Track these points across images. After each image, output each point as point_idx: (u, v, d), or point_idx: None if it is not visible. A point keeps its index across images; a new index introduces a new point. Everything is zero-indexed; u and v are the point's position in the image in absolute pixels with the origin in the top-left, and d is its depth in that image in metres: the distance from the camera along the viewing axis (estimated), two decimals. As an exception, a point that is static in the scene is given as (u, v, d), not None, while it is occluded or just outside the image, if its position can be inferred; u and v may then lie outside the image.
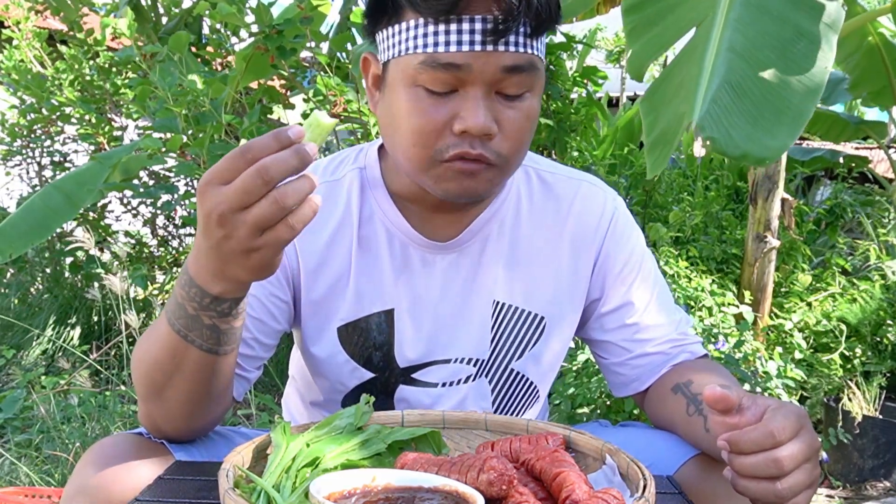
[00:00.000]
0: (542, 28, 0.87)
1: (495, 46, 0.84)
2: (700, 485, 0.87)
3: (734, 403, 0.71)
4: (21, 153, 4.20)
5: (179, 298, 0.78)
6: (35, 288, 4.12)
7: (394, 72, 0.89)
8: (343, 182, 1.03)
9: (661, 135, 1.58)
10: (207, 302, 0.76)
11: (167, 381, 0.84)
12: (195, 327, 0.79)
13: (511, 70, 0.85)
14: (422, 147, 0.89)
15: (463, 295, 1.04)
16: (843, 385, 2.81)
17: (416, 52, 0.85)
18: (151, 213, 4.18)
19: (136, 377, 0.88)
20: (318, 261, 1.01)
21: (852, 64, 3.61)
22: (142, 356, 0.87)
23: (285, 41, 2.74)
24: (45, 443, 2.28)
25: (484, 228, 1.03)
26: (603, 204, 1.07)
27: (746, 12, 1.60)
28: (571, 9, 2.61)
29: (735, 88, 1.48)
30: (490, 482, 0.65)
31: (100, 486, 0.83)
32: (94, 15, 4.08)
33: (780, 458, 0.68)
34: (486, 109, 0.86)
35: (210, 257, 0.72)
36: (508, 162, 0.91)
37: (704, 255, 3.24)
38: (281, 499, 0.67)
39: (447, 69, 0.84)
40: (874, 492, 2.67)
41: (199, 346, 0.80)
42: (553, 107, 3.42)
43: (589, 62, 6.77)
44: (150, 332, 0.86)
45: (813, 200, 4.81)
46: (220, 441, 1.00)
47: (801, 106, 1.48)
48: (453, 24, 0.83)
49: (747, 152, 1.43)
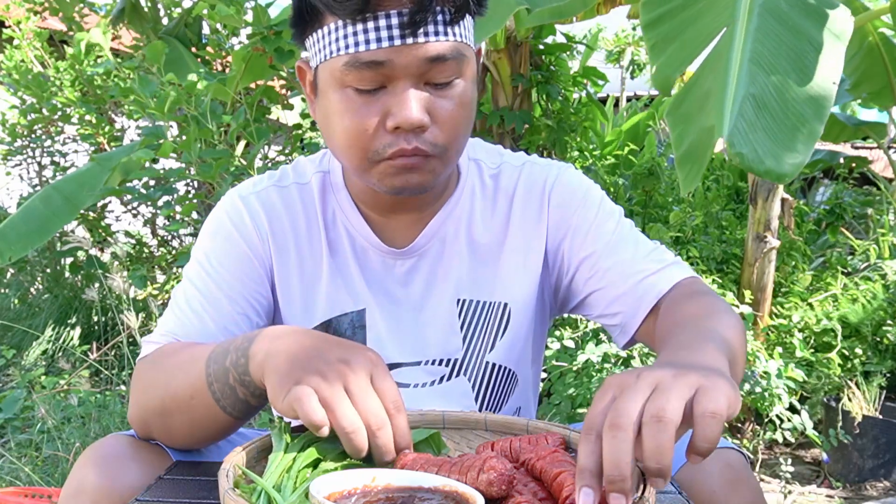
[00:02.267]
0: (462, 13, 0.87)
1: (414, 38, 0.84)
2: (701, 483, 0.87)
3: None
4: (21, 153, 4.21)
5: (230, 370, 0.78)
6: (35, 288, 4.12)
7: (323, 76, 0.90)
8: (310, 185, 1.05)
9: (692, 149, 1.58)
10: (254, 391, 0.78)
11: (176, 415, 0.84)
12: (230, 396, 0.79)
13: (435, 60, 0.86)
14: (358, 148, 0.90)
15: (425, 297, 1.05)
16: (843, 385, 2.81)
17: (339, 54, 0.86)
18: (151, 213, 4.19)
19: (141, 390, 0.88)
20: (291, 262, 1.03)
21: (852, 64, 3.61)
22: (158, 379, 0.87)
23: (283, 42, 2.75)
24: (45, 443, 2.28)
25: (440, 230, 1.04)
26: (544, 179, 1.07)
27: (765, 22, 1.60)
28: (571, 8, 2.60)
29: (757, 101, 1.48)
30: (490, 482, 0.65)
31: (98, 487, 0.82)
32: (94, 15, 4.08)
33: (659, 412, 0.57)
34: (417, 102, 0.86)
35: (286, 360, 0.73)
36: (447, 150, 0.91)
37: (705, 255, 3.24)
38: (281, 499, 0.67)
39: (371, 67, 0.85)
40: (874, 492, 2.67)
41: (224, 408, 0.81)
42: (553, 107, 3.42)
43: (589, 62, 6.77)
44: (177, 360, 0.86)
45: (813, 200, 4.81)
46: (223, 445, 1.00)
47: (814, 121, 1.49)
48: (370, 22, 0.84)
49: (770, 169, 1.43)
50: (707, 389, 0.59)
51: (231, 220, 1.02)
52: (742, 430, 2.87)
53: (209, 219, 1.04)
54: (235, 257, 1.00)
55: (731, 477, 0.88)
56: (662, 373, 0.61)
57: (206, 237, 1.03)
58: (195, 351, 0.84)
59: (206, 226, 1.04)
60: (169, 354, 0.89)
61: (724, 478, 0.87)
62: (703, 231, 3.46)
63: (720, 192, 3.74)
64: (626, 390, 0.60)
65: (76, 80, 3.94)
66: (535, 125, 3.36)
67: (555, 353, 2.48)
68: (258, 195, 1.03)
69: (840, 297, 3.13)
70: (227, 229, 1.01)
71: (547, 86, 3.35)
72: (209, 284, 0.98)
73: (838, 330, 2.90)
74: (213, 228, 1.03)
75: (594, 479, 0.58)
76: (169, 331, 0.96)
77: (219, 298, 0.97)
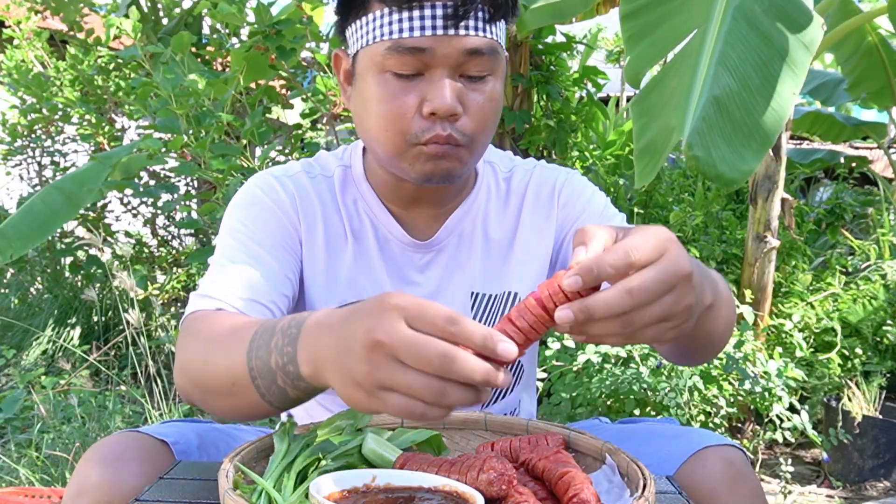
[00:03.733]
0: (499, 14, 0.93)
1: (456, 30, 0.90)
2: (702, 481, 0.88)
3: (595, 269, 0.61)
4: (21, 153, 4.21)
5: (272, 363, 0.72)
6: (35, 288, 4.13)
7: (363, 61, 0.94)
8: (334, 178, 1.09)
9: (651, 144, 1.60)
10: (298, 383, 0.71)
11: (216, 393, 0.80)
12: (272, 386, 0.74)
13: (472, 53, 0.91)
14: (394, 132, 0.93)
15: (441, 289, 1.09)
16: (843, 385, 2.81)
17: (382, 39, 0.91)
18: (151, 213, 4.19)
19: (186, 361, 0.84)
20: (318, 241, 1.06)
21: (851, 64, 3.61)
22: (197, 361, 0.83)
23: (285, 41, 2.75)
24: (45, 443, 2.28)
25: (458, 226, 1.09)
26: (553, 180, 1.13)
27: (737, 25, 1.62)
28: (571, 8, 2.60)
29: (719, 104, 1.51)
30: (490, 482, 0.65)
31: (101, 486, 0.83)
32: (95, 15, 4.08)
33: (631, 288, 0.60)
34: (452, 90, 0.91)
35: (333, 368, 0.64)
36: (474, 141, 0.96)
37: (705, 255, 3.24)
38: (281, 499, 0.67)
39: (412, 53, 0.90)
40: (874, 492, 2.67)
41: (264, 397, 0.75)
42: (553, 107, 3.42)
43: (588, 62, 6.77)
44: (217, 346, 0.81)
45: (813, 200, 4.81)
46: (221, 441, 1.00)
47: (769, 131, 1.52)
48: (416, 11, 0.89)
49: (721, 174, 1.47)
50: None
51: (266, 193, 1.04)
52: (742, 430, 2.87)
53: (239, 195, 1.05)
54: (274, 222, 1.02)
55: (732, 474, 0.89)
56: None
57: (238, 209, 1.03)
58: (230, 341, 0.79)
59: (238, 200, 1.04)
60: (202, 347, 0.84)
61: (726, 475, 0.89)
62: (703, 231, 3.46)
63: (720, 192, 3.74)
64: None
65: (76, 80, 3.94)
66: (535, 125, 3.36)
67: (555, 353, 2.48)
68: (291, 178, 1.07)
69: (840, 297, 3.13)
70: (262, 200, 1.03)
71: (547, 86, 3.35)
72: (248, 244, 0.98)
73: (838, 330, 2.90)
74: (248, 200, 1.04)
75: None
76: (219, 287, 0.92)
77: (261, 255, 0.98)
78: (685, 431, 1.00)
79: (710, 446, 0.92)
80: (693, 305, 0.64)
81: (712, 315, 0.79)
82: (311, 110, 3.09)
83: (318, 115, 3.09)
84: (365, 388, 0.60)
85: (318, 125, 3.46)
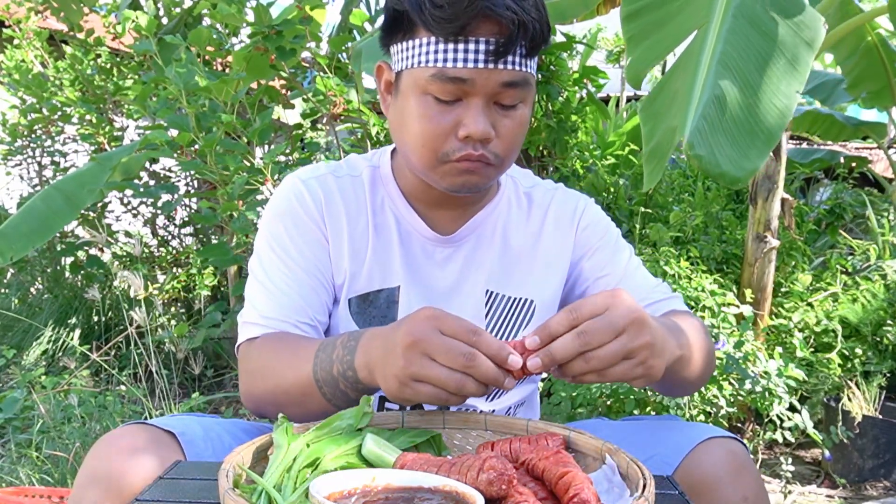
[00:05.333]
0: (535, 50, 1.00)
1: (496, 65, 0.97)
2: (706, 470, 0.92)
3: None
4: (21, 153, 4.21)
5: (335, 371, 0.90)
6: (35, 288, 4.13)
7: (406, 81, 1.02)
8: (362, 177, 1.17)
9: (657, 146, 1.60)
10: (357, 385, 0.89)
11: (289, 406, 0.96)
12: (336, 391, 0.91)
13: (508, 85, 0.99)
14: (430, 149, 1.02)
15: (458, 285, 1.15)
16: (843, 385, 2.81)
17: (427, 65, 0.98)
18: (151, 213, 4.19)
19: (250, 378, 1.02)
20: (343, 238, 1.13)
21: (851, 64, 3.61)
22: (266, 372, 0.99)
23: (285, 41, 2.75)
24: (45, 443, 2.28)
25: (480, 226, 1.17)
26: (575, 204, 1.22)
27: (738, 24, 1.62)
28: (572, 10, 2.61)
29: (721, 103, 1.51)
30: (490, 482, 0.65)
31: (111, 476, 0.85)
32: (94, 15, 4.08)
33: (581, 331, 0.78)
34: (486, 117, 0.99)
35: (379, 366, 0.83)
36: (503, 161, 1.05)
37: (705, 255, 3.24)
38: (281, 499, 0.67)
39: (454, 82, 0.97)
40: (874, 491, 2.67)
41: (331, 402, 0.93)
42: (554, 107, 3.42)
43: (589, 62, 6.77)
44: (285, 357, 0.97)
45: (813, 200, 4.81)
46: (224, 434, 1.02)
47: (773, 129, 1.52)
48: (461, 44, 0.96)
49: (725, 172, 1.48)
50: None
51: (296, 200, 1.13)
52: (742, 430, 2.87)
53: (273, 201, 1.15)
54: (305, 232, 1.11)
55: (735, 464, 0.94)
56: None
57: (273, 219, 1.13)
58: (299, 357, 0.95)
59: (272, 208, 1.14)
60: (274, 348, 1.00)
61: (729, 465, 0.94)
62: (703, 231, 3.46)
63: (720, 192, 3.74)
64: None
65: (76, 80, 3.94)
66: (536, 125, 3.36)
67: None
68: (318, 179, 1.15)
69: (840, 297, 3.13)
70: (293, 209, 1.12)
71: (547, 86, 3.35)
72: (287, 262, 1.09)
73: (838, 330, 2.90)
74: (282, 209, 1.13)
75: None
76: (266, 314, 1.06)
77: (297, 273, 1.09)
78: (689, 425, 1.04)
79: (713, 437, 0.96)
80: (653, 344, 0.80)
81: (683, 363, 0.94)
82: (312, 111, 3.09)
83: (318, 115, 3.09)
84: (401, 380, 0.79)
85: (319, 125, 3.46)
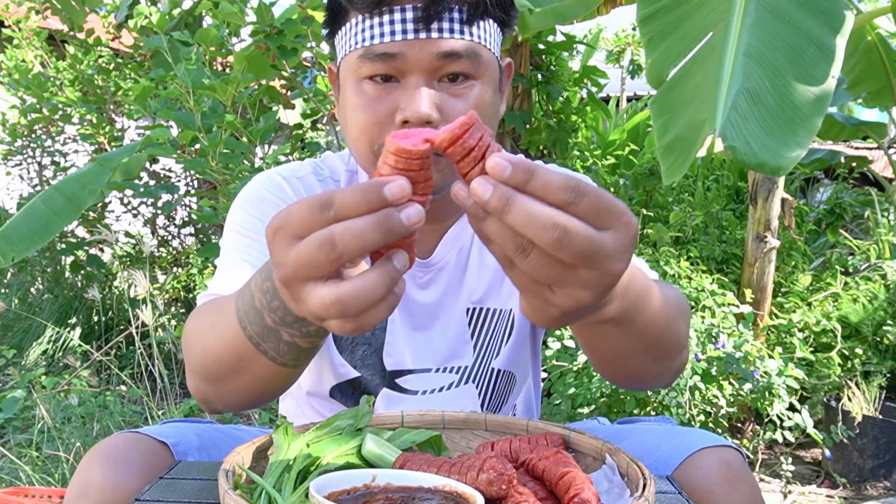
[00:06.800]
0: (478, 14, 0.87)
1: (427, 33, 0.85)
2: (699, 481, 0.87)
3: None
4: (21, 153, 4.21)
5: (257, 303, 0.67)
6: (35, 288, 4.13)
7: (343, 72, 0.93)
8: (341, 184, 1.06)
9: (678, 140, 1.58)
10: (290, 320, 0.66)
11: (226, 377, 0.77)
12: (271, 339, 0.69)
13: (448, 56, 0.86)
14: (366, 141, 0.90)
15: (441, 305, 1.07)
16: (843, 385, 2.81)
17: (356, 47, 0.88)
18: (152, 213, 4.19)
19: (189, 357, 0.82)
20: None
21: (851, 64, 3.61)
22: (197, 342, 0.79)
23: (287, 41, 2.75)
24: (45, 443, 2.28)
25: (457, 241, 1.07)
26: None
27: (761, 16, 1.61)
28: (573, 11, 2.60)
29: (752, 95, 1.49)
30: (490, 482, 0.65)
31: (103, 486, 0.83)
32: (94, 15, 4.08)
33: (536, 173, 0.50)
34: (427, 98, 0.86)
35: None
36: None
37: (705, 255, 3.25)
38: (281, 499, 0.67)
39: (383, 59, 0.86)
40: (874, 492, 2.67)
41: (272, 358, 0.71)
42: (554, 107, 3.42)
43: (589, 62, 6.76)
44: (210, 318, 0.78)
45: (813, 200, 4.81)
46: (221, 441, 1.01)
47: (812, 115, 1.49)
48: (385, 16, 0.86)
49: (764, 162, 1.44)
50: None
51: (271, 192, 1.00)
52: (742, 430, 2.87)
53: (245, 192, 1.02)
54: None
55: (730, 475, 0.88)
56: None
57: (244, 205, 0.99)
58: (221, 307, 0.76)
59: (243, 197, 1.01)
60: (199, 325, 0.81)
61: (723, 475, 0.87)
62: (703, 231, 3.46)
63: (720, 192, 3.75)
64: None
65: (76, 80, 3.94)
66: (536, 125, 3.36)
67: (555, 353, 2.48)
68: (300, 179, 1.03)
69: (840, 297, 3.13)
70: (268, 198, 0.99)
71: (547, 86, 3.35)
72: (254, 243, 0.94)
73: (838, 330, 2.90)
74: (255, 197, 1.00)
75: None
76: (219, 285, 0.90)
77: (261, 249, 0.92)
78: (682, 432, 0.99)
79: (707, 447, 0.91)
80: (609, 257, 0.52)
81: (648, 300, 0.72)
82: (313, 110, 3.09)
83: (318, 115, 3.09)
84: (284, 282, 0.54)
85: (319, 125, 3.46)
